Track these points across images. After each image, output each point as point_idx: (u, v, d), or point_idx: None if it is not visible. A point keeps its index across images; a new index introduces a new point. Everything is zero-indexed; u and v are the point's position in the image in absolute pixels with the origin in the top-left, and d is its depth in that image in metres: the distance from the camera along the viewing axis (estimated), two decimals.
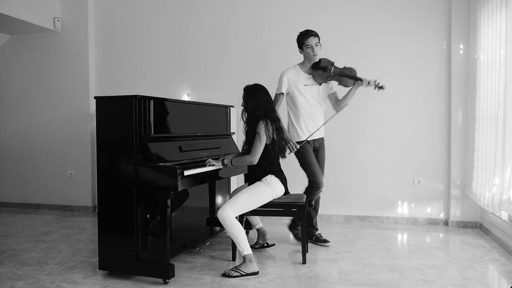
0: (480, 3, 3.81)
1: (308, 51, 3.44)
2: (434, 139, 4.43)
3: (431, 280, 2.84)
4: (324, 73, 3.45)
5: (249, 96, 3.17)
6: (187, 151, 3.16)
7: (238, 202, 3.01)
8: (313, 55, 3.44)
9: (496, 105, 3.35)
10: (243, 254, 2.93)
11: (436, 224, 4.43)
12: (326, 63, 3.48)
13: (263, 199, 3.07)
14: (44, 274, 3.00)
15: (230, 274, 2.90)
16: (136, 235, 2.82)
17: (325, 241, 3.63)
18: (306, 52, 3.46)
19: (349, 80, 3.45)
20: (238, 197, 3.03)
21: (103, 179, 2.92)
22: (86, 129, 5.21)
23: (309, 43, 3.41)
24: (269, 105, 3.18)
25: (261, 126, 3.05)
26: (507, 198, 3.15)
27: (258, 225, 3.60)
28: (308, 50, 3.44)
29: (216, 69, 4.93)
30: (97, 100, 2.94)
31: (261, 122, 3.06)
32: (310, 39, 3.41)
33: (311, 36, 3.41)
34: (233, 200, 3.03)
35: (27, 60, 5.42)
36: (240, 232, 2.93)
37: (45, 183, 5.38)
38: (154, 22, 5.11)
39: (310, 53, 3.44)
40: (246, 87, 3.21)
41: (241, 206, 3.01)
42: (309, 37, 3.41)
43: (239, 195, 3.05)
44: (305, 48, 3.45)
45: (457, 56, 4.29)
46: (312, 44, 3.41)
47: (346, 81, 3.47)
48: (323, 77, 3.46)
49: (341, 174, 4.56)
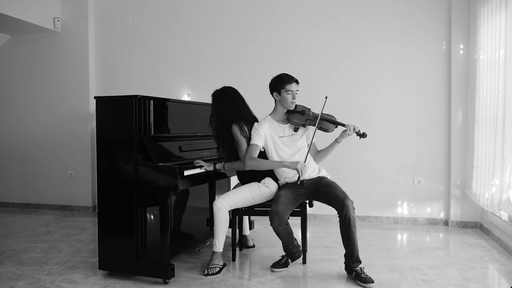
0: (480, 3, 3.81)
1: (287, 97, 2.99)
2: (434, 139, 4.44)
3: (431, 280, 2.84)
4: (302, 117, 3.05)
5: (216, 102, 3.13)
6: (187, 151, 3.16)
7: (235, 196, 3.04)
8: (291, 102, 3.01)
9: (496, 105, 3.35)
10: (215, 250, 3.00)
11: (436, 224, 4.43)
12: (303, 108, 3.09)
13: (259, 199, 3.08)
14: (44, 274, 3.00)
15: (212, 271, 2.95)
16: (136, 235, 2.82)
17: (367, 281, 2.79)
18: (284, 97, 3.00)
19: (330, 125, 3.06)
20: (236, 192, 3.06)
21: (103, 179, 2.92)
22: (86, 129, 5.21)
23: (290, 89, 2.99)
24: (239, 107, 3.12)
25: (235, 131, 3.03)
26: (506, 198, 3.15)
27: (245, 231, 3.68)
28: (288, 96, 2.99)
29: (216, 69, 4.93)
30: (97, 100, 2.94)
31: (234, 127, 3.04)
32: (292, 85, 2.99)
33: (293, 82, 3.00)
34: (230, 193, 3.06)
35: (27, 60, 5.42)
36: (223, 229, 3.01)
37: (45, 183, 5.38)
38: (154, 22, 5.11)
39: (288, 99, 3.00)
40: (213, 93, 3.17)
41: (236, 201, 3.04)
42: (292, 83, 2.99)
43: (236, 190, 3.08)
44: (283, 92, 2.99)
45: (457, 56, 4.29)
46: (294, 90, 3.00)
47: (327, 125, 3.05)
48: (301, 120, 3.05)
49: (341, 174, 4.55)
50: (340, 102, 4.45)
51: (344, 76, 4.57)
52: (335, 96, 4.31)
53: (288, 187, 3.02)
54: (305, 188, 3.02)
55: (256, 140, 3.01)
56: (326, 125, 3.06)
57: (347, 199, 2.83)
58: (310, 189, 3.03)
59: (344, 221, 2.82)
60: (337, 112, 3.13)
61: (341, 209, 2.83)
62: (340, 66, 4.59)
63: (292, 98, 3.01)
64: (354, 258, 2.87)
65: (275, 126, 3.07)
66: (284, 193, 2.98)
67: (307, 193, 3.04)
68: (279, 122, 3.09)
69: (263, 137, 3.03)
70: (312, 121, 3.05)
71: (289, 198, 2.96)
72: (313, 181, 3.05)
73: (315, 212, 4.59)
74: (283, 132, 3.06)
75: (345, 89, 4.56)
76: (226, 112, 3.08)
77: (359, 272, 2.82)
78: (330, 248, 3.61)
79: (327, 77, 4.59)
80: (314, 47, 4.66)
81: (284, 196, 2.96)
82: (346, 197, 2.85)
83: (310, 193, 3.04)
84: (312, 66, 4.63)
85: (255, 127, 3.05)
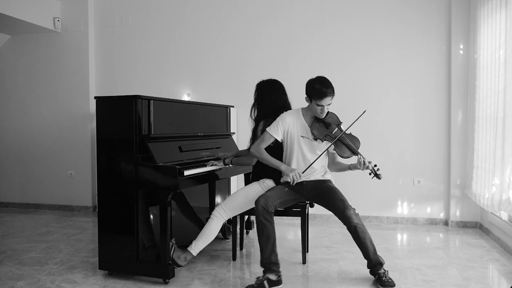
0: (479, 3, 3.81)
1: (317, 109, 2.82)
2: (434, 139, 4.44)
3: (431, 280, 2.84)
4: (324, 130, 2.85)
5: (258, 93, 3.13)
6: (187, 151, 3.16)
7: (232, 204, 3.02)
8: (321, 113, 2.84)
9: (496, 105, 3.35)
10: (191, 250, 2.95)
11: (436, 224, 4.43)
12: (333, 121, 2.88)
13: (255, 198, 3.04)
14: (44, 274, 3.00)
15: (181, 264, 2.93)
16: (136, 235, 2.82)
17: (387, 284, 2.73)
18: (314, 108, 2.84)
19: (347, 151, 2.83)
20: (234, 199, 3.05)
21: (103, 179, 2.92)
22: (86, 129, 5.21)
23: (321, 104, 2.78)
24: (278, 102, 3.07)
25: (260, 127, 3.03)
26: (506, 198, 3.15)
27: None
28: (317, 108, 2.81)
29: (216, 69, 4.93)
30: (97, 100, 2.94)
31: (261, 124, 3.04)
32: (325, 100, 2.76)
33: (326, 97, 2.76)
34: (228, 201, 3.05)
35: (27, 60, 5.42)
36: (208, 238, 2.97)
37: (45, 183, 5.38)
38: (154, 22, 5.11)
39: (317, 111, 2.82)
40: (258, 83, 3.16)
41: (234, 209, 3.02)
42: (325, 98, 2.76)
43: (234, 197, 3.07)
44: (314, 103, 2.81)
45: (457, 56, 4.29)
46: (325, 105, 2.79)
47: (343, 149, 2.83)
48: (321, 133, 2.84)
49: (341, 174, 4.54)
50: (341, 102, 4.43)
51: (345, 77, 4.57)
52: (335, 96, 4.29)
53: (288, 184, 2.96)
54: (304, 188, 2.97)
55: (273, 131, 2.90)
56: (343, 150, 2.83)
57: (347, 209, 2.77)
58: (310, 191, 2.97)
59: (351, 229, 2.79)
60: (337, 112, 3.08)
61: (345, 221, 2.78)
62: (341, 66, 4.59)
63: (321, 111, 2.82)
64: (373, 262, 2.80)
65: (301, 123, 2.92)
66: (280, 186, 2.96)
67: (307, 195, 2.99)
68: (307, 121, 2.92)
69: (282, 131, 2.90)
70: (332, 139, 2.82)
71: (282, 190, 2.90)
72: (314, 184, 2.97)
73: (315, 212, 4.59)
74: (306, 133, 2.91)
75: (345, 89, 4.55)
76: (266, 104, 3.07)
77: (381, 275, 2.76)
78: (330, 248, 3.61)
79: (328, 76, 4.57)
80: (315, 49, 4.66)
81: (278, 188, 2.93)
82: (345, 207, 2.78)
83: (311, 195, 2.99)
84: (314, 67, 4.62)
85: (280, 117, 2.92)
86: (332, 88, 2.79)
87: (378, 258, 2.80)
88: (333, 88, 2.80)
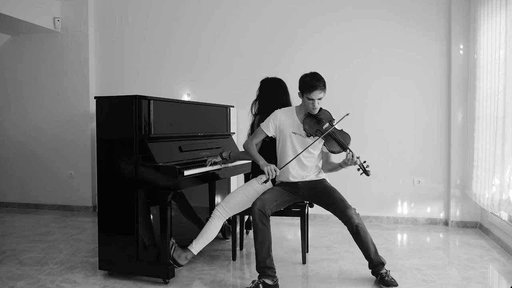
0: (479, 3, 3.81)
1: (308, 104, 2.81)
2: (434, 139, 4.44)
3: (431, 280, 2.84)
4: (316, 125, 2.83)
5: (261, 89, 3.18)
6: (187, 151, 3.16)
7: (231, 202, 3.04)
8: (312, 109, 2.83)
9: (496, 105, 3.35)
10: (191, 249, 2.95)
11: (436, 224, 4.43)
12: (325, 117, 2.88)
13: (255, 196, 3.02)
14: (44, 274, 3.00)
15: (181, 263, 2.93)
16: (136, 235, 2.82)
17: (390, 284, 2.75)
18: (305, 102, 2.84)
19: (336, 145, 2.80)
20: (233, 197, 3.06)
21: (103, 179, 2.92)
22: (86, 129, 5.21)
23: (311, 97, 2.77)
24: (280, 101, 3.13)
25: (256, 121, 3.09)
26: (506, 198, 3.15)
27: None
28: (308, 103, 2.81)
29: (216, 69, 4.93)
30: (97, 100, 2.94)
31: (257, 118, 3.10)
32: (314, 93, 2.76)
33: (316, 91, 2.76)
34: (228, 199, 3.06)
35: (27, 60, 5.42)
36: (209, 237, 2.99)
37: (45, 183, 5.38)
38: (154, 22, 5.11)
39: (309, 106, 2.82)
40: (263, 79, 3.21)
41: (234, 207, 3.04)
42: (314, 91, 2.76)
43: (233, 195, 3.08)
44: (305, 97, 2.81)
45: (457, 56, 4.29)
46: (315, 98, 2.78)
47: (333, 144, 2.80)
48: (312, 128, 2.83)
49: (341, 174, 4.54)
50: (341, 102, 4.45)
51: (345, 77, 4.57)
52: (335, 95, 4.31)
53: (284, 185, 2.99)
54: (300, 189, 2.96)
55: (265, 127, 2.95)
56: (332, 144, 2.81)
57: (348, 209, 2.76)
58: (306, 192, 2.96)
59: (352, 230, 2.78)
60: (337, 112, 3.04)
61: (345, 221, 2.77)
62: (341, 66, 4.59)
63: (313, 105, 2.80)
64: (375, 262, 2.79)
65: (294, 120, 2.92)
66: (276, 188, 2.97)
67: (304, 196, 2.98)
68: (300, 118, 2.92)
69: (273, 128, 2.93)
70: (322, 134, 2.79)
71: (278, 192, 2.91)
72: (310, 184, 2.96)
73: (315, 212, 4.59)
74: (298, 130, 2.90)
75: (345, 89, 4.56)
76: (267, 101, 3.12)
77: (383, 275, 2.76)
78: (330, 248, 3.61)
79: (328, 76, 4.57)
80: (315, 49, 4.66)
81: (274, 190, 2.93)
82: (346, 207, 2.77)
83: (307, 196, 2.98)
84: (314, 67, 4.60)
85: (273, 114, 2.96)
86: (323, 82, 2.79)
87: (379, 258, 2.81)
88: (324, 82, 2.79)
